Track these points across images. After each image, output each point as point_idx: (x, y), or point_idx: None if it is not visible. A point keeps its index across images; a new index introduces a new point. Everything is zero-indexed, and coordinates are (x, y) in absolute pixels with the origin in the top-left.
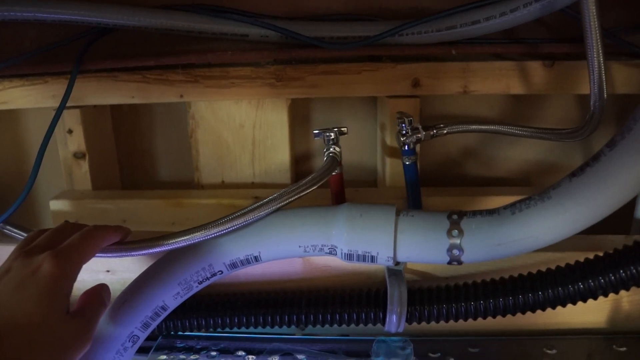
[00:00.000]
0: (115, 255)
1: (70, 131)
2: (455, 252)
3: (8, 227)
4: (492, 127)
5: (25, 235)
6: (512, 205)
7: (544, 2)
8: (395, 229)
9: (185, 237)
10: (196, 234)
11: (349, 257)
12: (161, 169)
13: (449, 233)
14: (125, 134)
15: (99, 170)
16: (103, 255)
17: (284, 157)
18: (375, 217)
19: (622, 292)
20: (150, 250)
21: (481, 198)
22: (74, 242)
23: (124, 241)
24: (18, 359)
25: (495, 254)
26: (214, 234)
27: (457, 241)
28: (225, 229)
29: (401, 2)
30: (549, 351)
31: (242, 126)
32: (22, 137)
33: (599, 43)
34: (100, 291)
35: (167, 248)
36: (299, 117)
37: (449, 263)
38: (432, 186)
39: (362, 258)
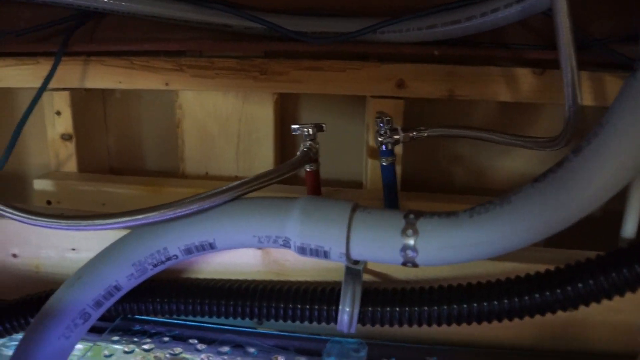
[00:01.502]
0: (62, 228)
1: (58, 113)
2: (410, 252)
3: None
4: (472, 133)
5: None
6: (472, 208)
7: (525, 4)
8: (350, 224)
9: (140, 217)
10: (151, 213)
11: (302, 250)
12: (149, 157)
13: (404, 232)
14: (116, 119)
15: (86, 153)
16: (60, 227)
17: (268, 152)
18: (330, 212)
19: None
20: (105, 227)
21: (466, 206)
22: None
23: (79, 214)
24: None
25: (451, 258)
26: (169, 215)
27: (411, 241)
28: (180, 212)
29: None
30: None
31: (228, 119)
32: (16, 116)
33: (571, 43)
34: None
35: (120, 225)
36: (287, 114)
37: (404, 264)
38: (420, 192)
39: (315, 252)
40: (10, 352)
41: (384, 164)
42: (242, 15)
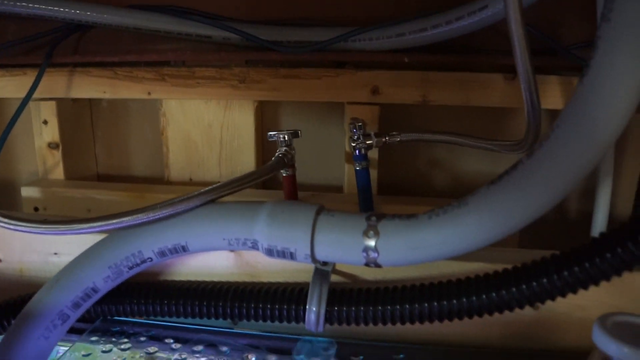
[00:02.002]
0: (41, 232)
1: (45, 122)
2: (371, 253)
3: None
4: (444, 137)
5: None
6: (431, 210)
7: (488, 12)
8: (314, 226)
9: (114, 221)
10: (125, 218)
11: (269, 252)
12: (136, 164)
13: (365, 234)
14: (103, 128)
15: (73, 161)
16: (37, 232)
17: (249, 159)
18: (295, 214)
19: (559, 309)
20: (80, 231)
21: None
22: None
23: (57, 219)
24: None
25: (412, 258)
26: (142, 219)
27: (372, 243)
28: (153, 216)
29: (358, 11)
30: None
31: (210, 126)
32: (3, 126)
33: (525, 47)
34: None
35: (95, 229)
36: (268, 121)
37: (367, 265)
38: (402, 196)
39: (282, 254)
40: None
41: (358, 168)
42: (221, 27)
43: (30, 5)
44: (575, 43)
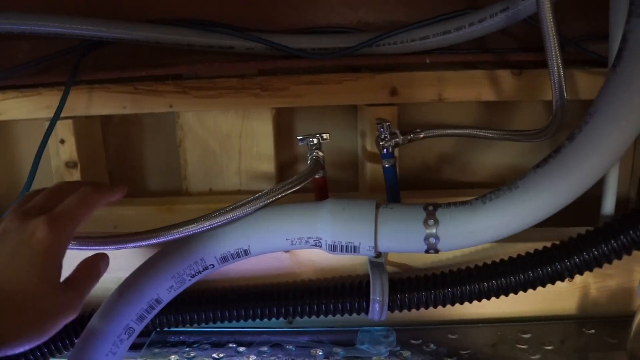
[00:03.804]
0: (111, 247)
1: (62, 141)
2: (432, 240)
3: None
4: (466, 131)
5: None
6: (483, 196)
7: (508, 13)
8: (376, 220)
9: (177, 230)
10: (188, 227)
11: (333, 248)
12: (150, 178)
13: (426, 223)
14: (114, 144)
15: (90, 179)
16: (102, 248)
17: (269, 165)
18: (357, 210)
19: (590, 280)
20: (145, 242)
21: (457, 199)
22: (69, 206)
23: (119, 234)
24: (6, 326)
25: (469, 241)
26: (205, 227)
27: (433, 230)
28: (215, 223)
29: (378, 15)
30: (524, 335)
31: (228, 136)
32: (13, 149)
33: (557, 46)
34: (97, 262)
35: (159, 240)
36: (283, 127)
37: (426, 251)
38: (412, 190)
39: (345, 249)
40: None
41: (386, 165)
42: (247, 37)
43: (51, 24)
44: (577, 37)
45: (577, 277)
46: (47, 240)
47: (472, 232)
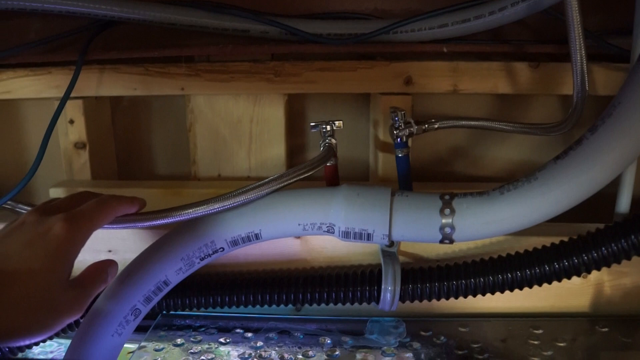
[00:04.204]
0: (123, 226)
1: (71, 121)
2: (447, 230)
3: (19, 205)
4: (481, 123)
5: None
6: (501, 186)
7: (530, 2)
8: (391, 207)
9: (187, 211)
10: (198, 208)
11: (346, 234)
12: (158, 162)
13: (442, 212)
14: (123, 127)
15: (98, 161)
16: (111, 227)
17: (279, 152)
18: (372, 197)
19: (604, 277)
20: (156, 222)
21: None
22: (88, 208)
23: (128, 213)
24: (12, 313)
25: (485, 232)
26: (216, 208)
27: (449, 220)
28: (227, 205)
29: (394, 3)
30: (535, 331)
31: (239, 121)
32: (21, 128)
33: (581, 35)
34: (105, 268)
35: (170, 220)
36: (295, 114)
37: (441, 241)
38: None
39: (359, 236)
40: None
41: (400, 155)
42: (262, 21)
43: (63, 1)
44: (596, 30)
45: (591, 275)
46: (63, 236)
47: (489, 222)
